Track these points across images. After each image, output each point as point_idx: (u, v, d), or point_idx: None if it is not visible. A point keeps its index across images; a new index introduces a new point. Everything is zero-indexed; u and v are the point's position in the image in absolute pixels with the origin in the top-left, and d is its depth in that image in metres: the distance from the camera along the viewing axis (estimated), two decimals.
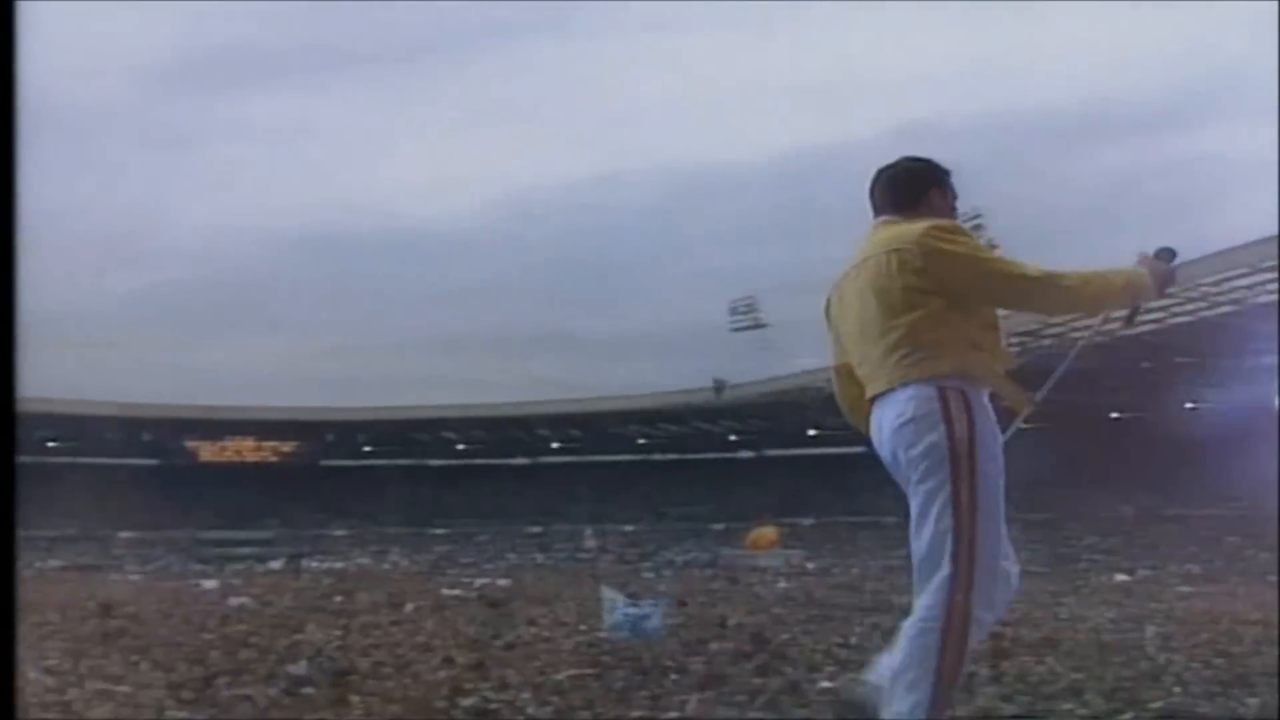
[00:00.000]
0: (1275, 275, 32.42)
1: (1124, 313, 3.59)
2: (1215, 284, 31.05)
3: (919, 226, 3.28)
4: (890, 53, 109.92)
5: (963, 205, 3.61)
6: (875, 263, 3.30)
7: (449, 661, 8.93)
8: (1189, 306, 34.10)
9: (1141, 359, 36.63)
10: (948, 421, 3.13)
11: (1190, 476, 44.03)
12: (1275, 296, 33.84)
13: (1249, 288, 33.04)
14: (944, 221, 3.35)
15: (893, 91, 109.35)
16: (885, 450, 3.31)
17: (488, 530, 58.65)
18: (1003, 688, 7.36)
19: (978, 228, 50.56)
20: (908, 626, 3.17)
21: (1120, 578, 27.55)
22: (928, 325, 3.20)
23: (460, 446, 69.04)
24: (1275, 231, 29.70)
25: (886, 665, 3.23)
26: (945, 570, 3.09)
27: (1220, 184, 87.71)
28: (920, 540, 3.17)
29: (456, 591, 22.16)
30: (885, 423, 3.26)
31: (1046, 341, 30.51)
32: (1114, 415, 43.92)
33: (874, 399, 3.32)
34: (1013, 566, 3.35)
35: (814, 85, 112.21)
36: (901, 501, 3.25)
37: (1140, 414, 46.48)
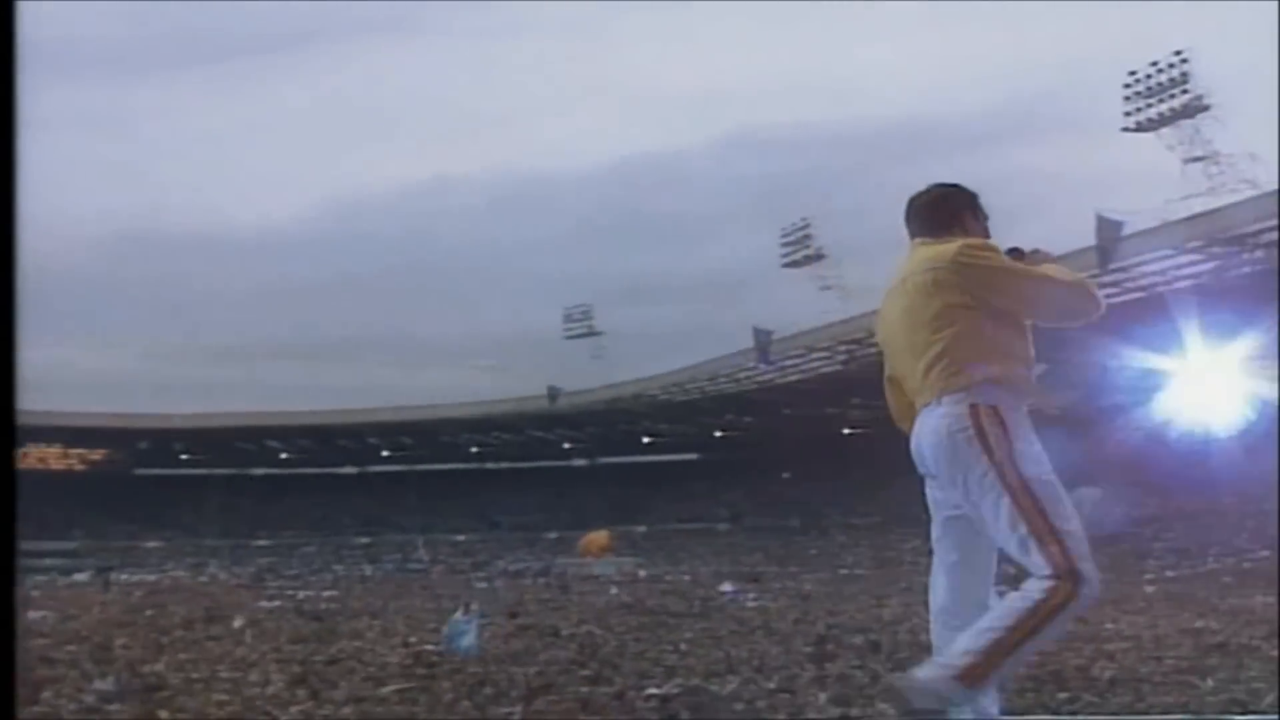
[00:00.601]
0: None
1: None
2: None
3: (953, 245, 3.48)
4: (721, 63, 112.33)
5: (791, 216, 3.71)
6: (914, 282, 3.51)
7: (268, 676, 8.57)
8: None
9: None
10: (982, 438, 3.32)
11: None
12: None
13: None
14: (975, 240, 3.56)
15: (722, 102, 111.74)
16: (920, 459, 3.53)
17: (313, 541, 57.06)
18: (827, 689, 7.50)
19: (806, 237, 52.11)
20: (1009, 595, 3.32)
21: None
22: (963, 337, 3.41)
23: (284, 455, 67.02)
24: (1088, 243, 31.82)
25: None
26: (1046, 571, 3.22)
27: (1035, 198, 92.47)
28: (1009, 548, 3.36)
29: (277, 604, 21.38)
30: (924, 436, 3.48)
31: None
32: None
33: (921, 410, 3.53)
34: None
35: (645, 94, 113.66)
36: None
37: None
